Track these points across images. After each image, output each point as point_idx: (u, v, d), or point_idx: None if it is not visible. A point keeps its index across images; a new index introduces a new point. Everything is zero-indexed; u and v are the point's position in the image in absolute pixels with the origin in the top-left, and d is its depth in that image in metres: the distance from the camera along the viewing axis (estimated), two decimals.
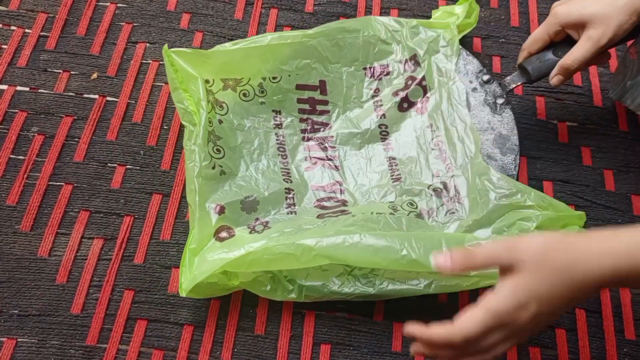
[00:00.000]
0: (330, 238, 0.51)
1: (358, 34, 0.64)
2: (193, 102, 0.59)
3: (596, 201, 0.65)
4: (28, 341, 0.56)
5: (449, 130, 0.63)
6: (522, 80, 0.62)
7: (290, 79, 0.64)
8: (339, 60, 0.65)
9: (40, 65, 0.69)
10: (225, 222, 0.56)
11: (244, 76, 0.63)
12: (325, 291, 0.55)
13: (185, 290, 0.52)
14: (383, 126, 0.64)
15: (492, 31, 0.75)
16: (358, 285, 0.55)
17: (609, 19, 0.52)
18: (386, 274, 0.55)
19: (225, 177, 0.59)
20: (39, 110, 0.66)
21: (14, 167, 0.63)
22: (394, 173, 0.62)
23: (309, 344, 0.57)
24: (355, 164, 0.63)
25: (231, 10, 0.74)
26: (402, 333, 0.57)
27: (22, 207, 0.61)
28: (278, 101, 0.64)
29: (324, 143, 0.64)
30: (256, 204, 0.59)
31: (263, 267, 0.52)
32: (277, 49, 0.62)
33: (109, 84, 0.69)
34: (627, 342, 0.58)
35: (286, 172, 0.62)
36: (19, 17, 0.72)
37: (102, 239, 0.60)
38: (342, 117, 0.65)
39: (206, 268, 0.51)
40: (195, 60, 0.60)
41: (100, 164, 0.64)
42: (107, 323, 0.57)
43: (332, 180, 0.62)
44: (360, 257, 0.51)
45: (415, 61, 0.66)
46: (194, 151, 0.57)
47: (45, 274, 0.58)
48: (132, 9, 0.74)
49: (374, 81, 0.66)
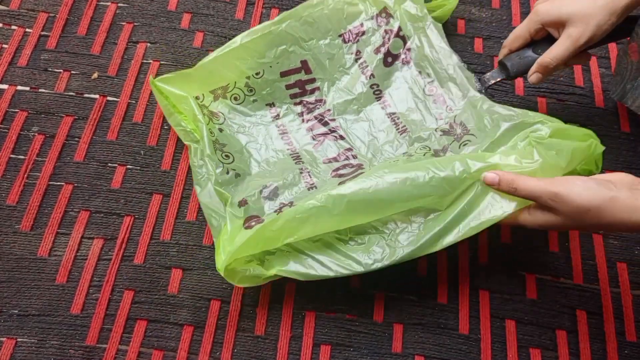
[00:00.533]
0: (358, 182, 0.51)
1: (323, 4, 0.64)
2: (190, 121, 0.60)
3: None
4: (28, 341, 0.55)
5: (439, 72, 0.64)
6: (502, 77, 0.62)
7: (272, 70, 0.64)
8: (312, 36, 0.65)
9: (40, 65, 0.69)
10: (250, 212, 0.56)
11: (229, 81, 0.64)
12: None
13: (221, 270, 0.50)
14: (375, 86, 0.65)
15: (494, 32, 0.75)
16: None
17: (588, 18, 0.53)
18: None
19: (241, 178, 0.60)
20: (39, 109, 0.66)
21: (14, 167, 0.63)
22: (398, 127, 0.63)
23: (309, 345, 0.57)
24: (359, 129, 0.63)
25: (232, 10, 0.74)
26: (402, 334, 0.57)
27: (22, 207, 0.61)
28: (268, 94, 0.65)
29: (323, 118, 0.64)
30: (276, 190, 0.59)
31: (296, 233, 0.50)
32: (251, 46, 0.63)
33: (110, 83, 0.68)
34: (628, 344, 0.58)
35: (296, 156, 0.62)
36: (19, 16, 0.72)
37: (102, 239, 0.60)
38: (333, 89, 0.65)
39: (237, 243, 0.50)
40: (181, 81, 0.61)
41: (101, 163, 0.64)
42: (107, 323, 0.57)
43: (342, 149, 0.62)
44: (392, 192, 0.50)
45: (387, 13, 0.66)
46: (203, 164, 0.58)
47: (45, 274, 0.58)
48: (132, 9, 0.74)
49: (353, 45, 0.66)
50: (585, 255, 0.62)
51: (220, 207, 0.57)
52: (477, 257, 0.62)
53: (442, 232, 0.51)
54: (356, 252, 0.53)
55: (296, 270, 0.52)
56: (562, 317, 0.59)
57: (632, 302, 0.60)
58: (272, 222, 0.50)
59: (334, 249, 0.53)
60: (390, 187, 0.50)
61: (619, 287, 0.61)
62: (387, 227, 0.54)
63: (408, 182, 0.50)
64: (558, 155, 0.51)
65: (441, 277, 0.60)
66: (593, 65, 0.73)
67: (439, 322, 0.58)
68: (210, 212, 0.57)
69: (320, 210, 0.50)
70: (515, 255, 0.62)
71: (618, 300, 0.60)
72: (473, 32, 0.75)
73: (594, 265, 0.62)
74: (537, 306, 0.59)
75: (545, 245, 0.63)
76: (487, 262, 0.61)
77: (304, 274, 0.52)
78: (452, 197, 0.51)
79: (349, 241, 0.54)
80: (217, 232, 0.56)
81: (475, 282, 0.60)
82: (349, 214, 0.50)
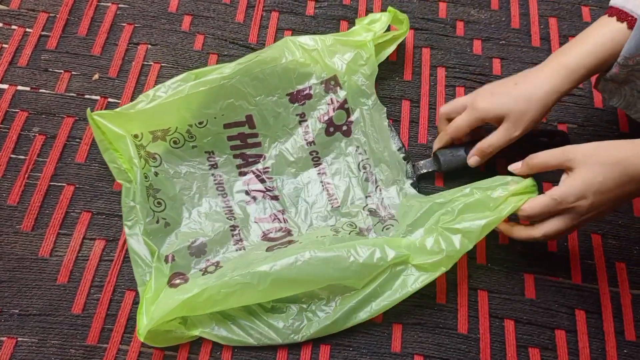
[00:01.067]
0: (283, 260, 0.53)
1: (276, 62, 0.64)
2: (125, 160, 0.59)
3: None
4: (28, 340, 0.56)
5: (375, 152, 0.65)
6: (434, 168, 0.65)
7: (216, 121, 0.63)
8: (261, 92, 0.64)
9: (41, 65, 0.69)
10: (176, 269, 0.58)
11: (171, 126, 0.62)
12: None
13: (142, 335, 0.51)
14: (314, 152, 0.65)
15: (493, 33, 0.75)
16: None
17: (523, 114, 0.57)
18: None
19: (170, 228, 0.60)
20: (40, 110, 0.67)
21: (14, 167, 0.63)
22: (331, 198, 0.64)
23: (309, 345, 0.57)
24: (293, 192, 0.64)
25: (232, 13, 0.75)
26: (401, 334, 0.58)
27: (24, 207, 0.61)
28: (209, 143, 0.64)
29: (261, 175, 0.64)
30: (204, 246, 0.60)
31: (221, 305, 0.53)
32: (198, 97, 0.61)
33: (111, 85, 0.69)
34: (628, 343, 0.58)
35: (228, 209, 0.62)
36: (19, 16, 0.72)
37: (104, 240, 0.60)
38: (274, 147, 0.65)
39: (161, 310, 0.51)
40: (120, 119, 0.59)
41: (102, 165, 0.64)
42: (108, 323, 0.57)
43: (274, 211, 0.63)
44: (315, 273, 0.53)
45: (336, 82, 0.66)
46: (133, 208, 0.58)
47: (46, 274, 0.58)
48: (133, 10, 0.74)
49: (299, 107, 0.66)
50: (583, 255, 0.63)
51: (147, 253, 0.58)
52: (476, 258, 0.62)
53: (356, 308, 0.56)
54: (277, 321, 0.56)
55: (219, 334, 0.55)
56: (561, 316, 0.59)
57: (631, 301, 0.60)
58: (197, 295, 0.51)
59: (255, 315, 0.56)
60: (313, 269, 0.53)
61: (618, 287, 0.61)
62: (307, 299, 0.57)
63: (330, 265, 0.53)
64: (465, 237, 0.54)
65: (440, 277, 0.60)
66: None
67: (438, 321, 0.59)
68: (136, 257, 0.57)
69: (245, 286, 0.52)
70: (514, 256, 0.62)
71: (617, 299, 0.60)
72: (472, 34, 0.75)
73: (592, 264, 0.62)
74: (536, 306, 0.60)
75: (544, 245, 0.63)
76: (486, 262, 0.62)
77: (227, 338, 0.55)
78: (368, 279, 0.55)
79: (270, 309, 0.57)
80: (141, 282, 0.57)
81: (474, 282, 0.61)
82: (272, 289, 0.53)
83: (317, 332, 0.56)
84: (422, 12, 0.76)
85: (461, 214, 0.55)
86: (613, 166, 0.47)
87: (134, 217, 0.58)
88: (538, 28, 0.76)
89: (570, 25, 0.76)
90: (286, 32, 0.74)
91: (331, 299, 0.57)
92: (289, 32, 0.74)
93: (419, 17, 0.76)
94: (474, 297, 0.60)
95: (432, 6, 0.77)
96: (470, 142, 0.63)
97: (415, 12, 0.76)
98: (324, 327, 0.56)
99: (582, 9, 0.78)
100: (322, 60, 0.65)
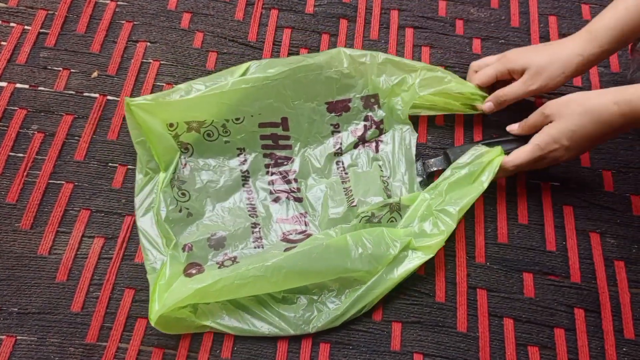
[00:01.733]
0: (296, 253, 0.54)
1: (321, 70, 0.64)
2: (157, 149, 0.60)
3: (595, 202, 0.65)
4: (27, 339, 0.56)
5: (396, 173, 0.66)
6: (444, 166, 0.65)
7: (252, 119, 0.64)
8: (301, 97, 0.64)
9: (40, 63, 0.69)
10: (193, 259, 0.58)
11: (207, 118, 0.62)
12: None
13: (153, 320, 0.52)
14: (340, 162, 0.66)
15: (492, 32, 0.75)
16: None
17: (543, 69, 0.61)
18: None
19: (192, 218, 0.61)
20: (38, 108, 0.66)
21: (13, 165, 0.63)
22: (350, 205, 0.63)
23: (309, 343, 0.57)
24: (316, 196, 0.64)
25: (232, 11, 0.74)
26: (400, 332, 0.58)
27: (22, 205, 0.61)
28: (242, 140, 0.64)
29: (287, 176, 0.65)
30: (223, 240, 0.60)
31: (233, 294, 0.54)
32: (237, 93, 0.61)
33: (110, 82, 0.68)
34: (627, 342, 0.59)
35: (252, 207, 0.63)
36: (18, 13, 0.72)
37: (103, 238, 0.60)
38: (304, 151, 0.66)
39: (174, 297, 0.52)
40: (158, 108, 0.59)
41: (101, 163, 0.64)
42: (107, 321, 0.57)
43: (297, 213, 0.63)
44: (326, 264, 0.55)
45: (376, 100, 0.67)
46: (153, 195, 0.60)
47: (45, 272, 0.58)
48: (132, 7, 0.73)
49: (335, 117, 0.66)
50: (582, 253, 0.63)
51: (159, 240, 0.58)
52: (475, 256, 0.62)
53: (363, 296, 0.57)
54: (287, 311, 0.57)
55: (230, 325, 0.56)
56: (560, 315, 0.60)
57: (630, 300, 0.60)
58: (211, 285, 0.52)
59: (266, 305, 0.57)
60: (325, 262, 0.55)
61: (616, 285, 0.61)
62: (317, 290, 0.58)
63: (341, 255, 0.55)
64: (458, 213, 0.58)
65: (439, 276, 0.61)
66: None
67: (437, 320, 0.59)
68: (146, 241, 0.59)
69: (259, 278, 0.53)
70: (513, 254, 0.62)
71: (616, 298, 0.61)
72: (471, 33, 0.75)
73: (591, 263, 0.62)
74: (535, 304, 0.60)
75: (543, 244, 0.63)
76: (485, 261, 0.62)
77: (237, 328, 0.56)
78: (376, 272, 0.57)
79: (281, 300, 0.57)
80: (151, 269, 0.57)
81: (473, 281, 0.61)
82: (285, 280, 0.54)
83: (327, 323, 0.56)
84: (421, 10, 0.76)
85: (448, 194, 0.60)
86: (583, 115, 0.55)
87: (152, 205, 0.59)
88: (538, 27, 0.76)
89: (570, 23, 0.76)
90: (285, 30, 0.73)
91: (341, 291, 0.58)
92: (289, 29, 0.73)
93: (418, 15, 0.76)
94: (473, 295, 0.60)
95: (432, 4, 0.77)
96: (479, 142, 0.64)
97: (415, 10, 0.76)
98: (333, 318, 0.56)
99: (582, 7, 0.78)
100: (369, 75, 0.66)
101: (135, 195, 0.61)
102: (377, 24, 0.75)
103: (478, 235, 0.63)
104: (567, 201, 0.65)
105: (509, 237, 0.63)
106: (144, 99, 0.59)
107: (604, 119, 0.54)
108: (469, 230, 0.63)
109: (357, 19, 0.75)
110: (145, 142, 0.60)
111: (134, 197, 0.62)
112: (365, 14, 0.75)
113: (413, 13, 0.76)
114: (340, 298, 0.58)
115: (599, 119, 0.54)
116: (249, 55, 0.71)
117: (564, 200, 0.65)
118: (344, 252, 0.55)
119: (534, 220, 0.64)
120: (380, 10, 0.76)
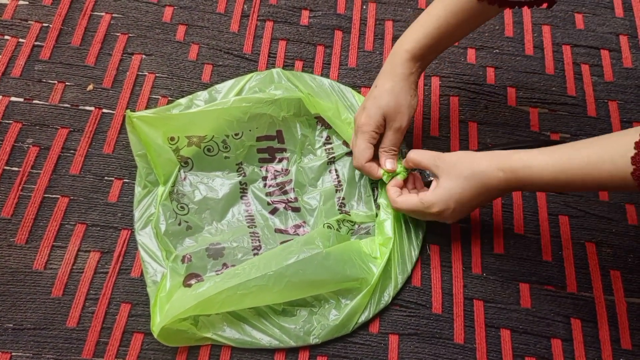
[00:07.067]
0: (297, 262, 0.55)
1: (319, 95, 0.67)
2: (156, 162, 0.61)
3: (590, 211, 0.66)
4: (23, 355, 0.55)
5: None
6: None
7: (251, 134, 0.65)
8: (294, 111, 0.66)
9: (34, 76, 0.69)
10: (193, 270, 0.58)
11: (208, 133, 0.64)
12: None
13: (156, 331, 0.52)
14: (334, 171, 0.67)
15: (486, 42, 0.76)
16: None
17: (400, 106, 0.59)
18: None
19: (191, 231, 0.61)
20: (33, 121, 0.66)
21: (8, 179, 0.63)
22: (341, 210, 0.65)
23: (306, 356, 0.57)
24: (312, 204, 0.65)
25: (227, 23, 0.75)
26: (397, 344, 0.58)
27: (17, 220, 0.61)
28: (241, 154, 0.66)
29: (284, 187, 0.66)
30: (222, 249, 0.60)
31: (235, 305, 0.54)
32: (240, 109, 0.63)
33: (105, 95, 0.68)
34: (624, 352, 0.59)
35: (250, 218, 0.64)
36: (12, 26, 0.72)
37: (99, 252, 0.60)
38: (299, 163, 0.67)
39: (176, 308, 0.52)
40: (159, 121, 0.60)
41: (97, 177, 0.64)
42: (103, 336, 0.56)
43: (295, 222, 0.64)
44: (326, 272, 0.56)
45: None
46: (152, 208, 0.61)
47: (40, 287, 0.58)
48: (127, 20, 0.73)
49: (325, 130, 0.68)
50: (578, 263, 0.63)
51: (158, 252, 0.59)
52: (471, 267, 0.62)
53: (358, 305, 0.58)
54: (288, 323, 0.57)
55: (231, 337, 0.56)
56: (556, 325, 0.60)
57: (626, 309, 0.60)
58: (214, 296, 0.52)
59: (267, 318, 0.57)
60: (326, 268, 0.56)
61: (613, 295, 0.61)
62: (317, 302, 0.59)
63: (342, 262, 0.57)
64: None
65: (435, 287, 0.61)
66: (585, 73, 0.74)
67: (434, 332, 0.59)
68: (146, 254, 0.59)
69: (261, 288, 0.54)
70: (509, 265, 0.62)
71: (612, 308, 0.61)
72: (466, 42, 0.75)
73: (587, 273, 0.62)
74: (531, 315, 0.60)
75: (539, 254, 0.63)
76: (481, 272, 0.62)
77: (238, 340, 0.56)
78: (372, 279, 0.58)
79: (281, 312, 0.58)
80: (151, 282, 0.58)
81: (469, 292, 0.61)
82: (287, 290, 0.55)
83: (328, 333, 0.57)
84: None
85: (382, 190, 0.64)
86: (470, 179, 0.54)
87: (151, 218, 0.60)
88: (532, 36, 0.76)
89: (564, 33, 0.77)
90: (280, 42, 0.74)
91: (340, 302, 0.58)
92: (284, 41, 0.74)
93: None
94: (469, 307, 0.60)
95: None
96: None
97: (409, 20, 0.76)
98: (334, 328, 0.57)
99: (576, 16, 0.78)
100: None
101: (134, 208, 0.62)
102: (371, 35, 0.75)
103: (474, 246, 0.63)
104: (563, 211, 0.65)
105: (505, 248, 0.63)
106: (146, 112, 0.60)
107: (489, 184, 0.53)
108: (465, 241, 0.63)
109: (351, 30, 0.75)
110: (145, 155, 0.61)
111: (130, 211, 0.62)
112: (360, 25, 0.76)
113: (408, 23, 0.75)
114: (339, 309, 0.58)
115: (484, 184, 0.53)
116: (245, 68, 0.71)
117: (559, 210, 0.65)
118: (343, 259, 0.57)
119: (529, 230, 0.64)
120: (374, 21, 0.76)
